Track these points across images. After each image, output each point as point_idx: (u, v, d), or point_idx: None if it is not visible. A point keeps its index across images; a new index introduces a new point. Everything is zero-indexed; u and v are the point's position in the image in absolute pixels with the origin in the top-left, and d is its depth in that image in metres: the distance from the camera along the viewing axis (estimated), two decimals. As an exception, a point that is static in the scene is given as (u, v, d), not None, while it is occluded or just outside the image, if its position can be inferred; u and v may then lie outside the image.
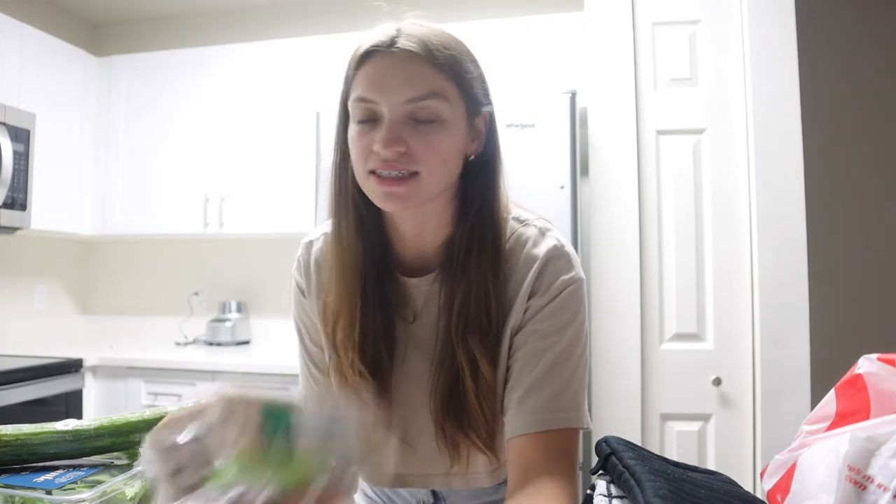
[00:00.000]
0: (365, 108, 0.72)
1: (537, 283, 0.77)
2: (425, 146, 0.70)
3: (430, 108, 0.70)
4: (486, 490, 0.88)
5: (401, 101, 0.70)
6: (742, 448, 2.00)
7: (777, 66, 2.00)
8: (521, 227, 0.81)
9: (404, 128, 0.70)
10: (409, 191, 0.71)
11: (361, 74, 0.72)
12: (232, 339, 2.92)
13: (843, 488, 0.51)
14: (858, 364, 0.61)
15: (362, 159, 0.72)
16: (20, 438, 0.68)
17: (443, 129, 0.71)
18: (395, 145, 0.69)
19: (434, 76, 0.71)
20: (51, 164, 2.70)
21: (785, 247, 1.97)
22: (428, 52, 0.70)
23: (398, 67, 0.70)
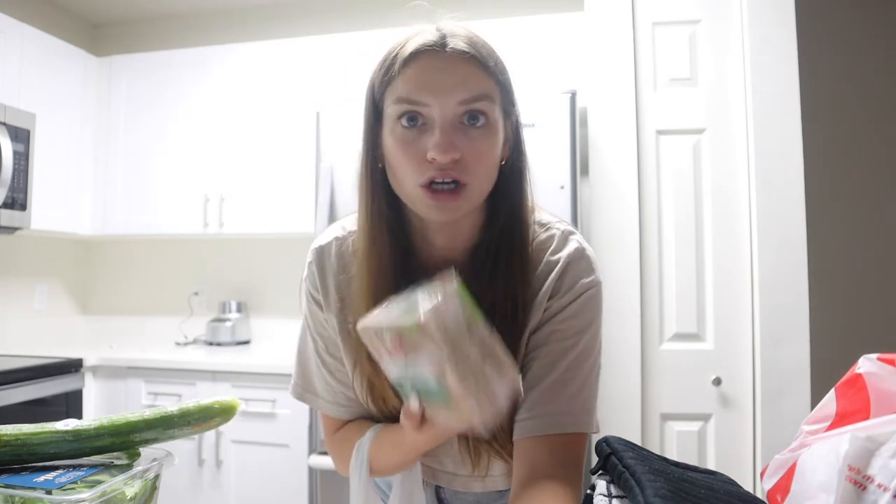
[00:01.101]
0: (411, 110, 0.69)
1: (558, 283, 0.77)
2: (476, 153, 0.69)
3: (482, 110, 0.69)
4: (491, 495, 0.88)
5: (455, 102, 0.68)
6: (742, 448, 2.00)
7: (777, 66, 2.00)
8: (543, 232, 0.81)
9: (456, 133, 0.68)
10: (460, 203, 0.70)
11: (408, 74, 0.69)
12: (232, 339, 2.92)
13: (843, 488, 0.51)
14: (858, 364, 0.61)
15: (414, 171, 0.69)
16: (20, 438, 0.68)
17: (491, 134, 0.71)
18: (450, 151, 0.67)
19: (484, 78, 0.70)
20: (51, 164, 2.70)
21: (785, 247, 1.97)
22: (479, 54, 0.70)
23: (451, 68, 0.68)
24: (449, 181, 0.69)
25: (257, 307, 3.09)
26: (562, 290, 0.77)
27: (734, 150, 2.06)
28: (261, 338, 3.05)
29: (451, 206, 0.70)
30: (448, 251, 0.79)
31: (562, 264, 0.77)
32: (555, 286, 0.77)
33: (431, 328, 0.57)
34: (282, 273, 3.06)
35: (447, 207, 0.70)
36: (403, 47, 0.70)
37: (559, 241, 0.79)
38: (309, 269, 0.87)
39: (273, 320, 3.05)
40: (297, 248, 2.95)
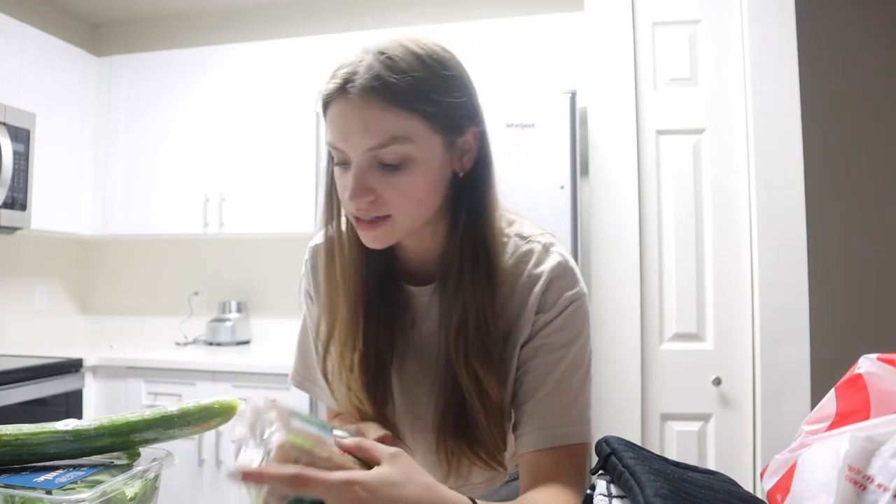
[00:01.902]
0: (336, 153, 0.71)
1: (543, 298, 0.77)
2: (393, 191, 0.69)
3: (393, 153, 0.68)
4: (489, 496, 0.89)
5: (362, 150, 0.68)
6: (742, 448, 2.00)
7: (777, 66, 2.00)
8: (524, 244, 0.80)
9: (371, 174, 0.68)
10: (384, 233, 0.72)
11: (328, 121, 0.71)
12: (232, 339, 2.92)
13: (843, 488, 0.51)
14: (858, 364, 0.61)
15: (344, 204, 0.73)
16: (20, 438, 0.68)
17: (411, 170, 0.69)
18: (362, 196, 0.68)
19: (393, 119, 0.67)
20: (51, 164, 2.70)
21: (785, 247, 1.97)
22: (381, 94, 0.66)
23: (355, 116, 0.67)
24: (369, 217, 0.71)
25: (257, 307, 3.09)
26: (547, 304, 0.77)
27: (734, 150, 2.06)
28: (261, 338, 3.05)
29: (376, 235, 0.72)
30: (420, 255, 0.81)
31: (545, 278, 0.77)
32: (541, 301, 0.77)
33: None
34: (282, 273, 3.06)
35: (374, 237, 0.72)
36: (322, 90, 0.71)
37: (540, 254, 0.79)
38: (305, 266, 0.90)
39: (273, 320, 3.05)
40: (297, 248, 2.94)
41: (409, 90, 0.66)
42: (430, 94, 0.68)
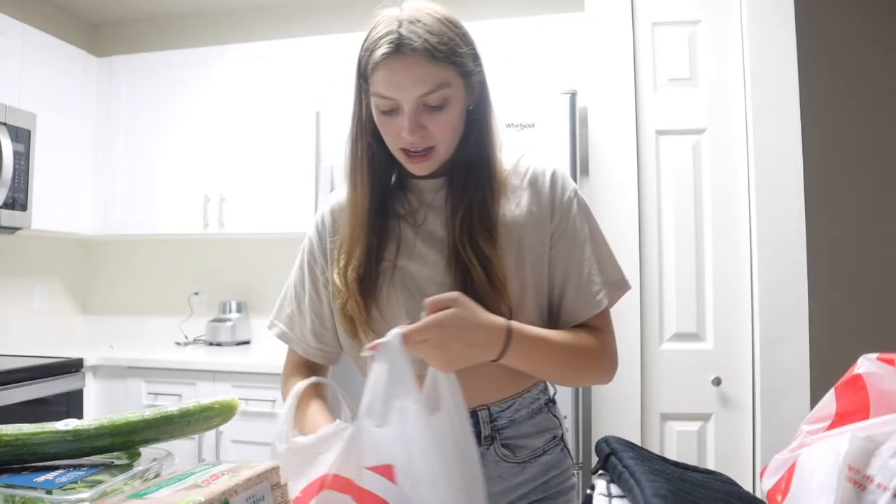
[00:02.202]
0: (386, 103, 0.87)
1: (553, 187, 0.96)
2: (438, 126, 0.88)
3: (438, 97, 0.86)
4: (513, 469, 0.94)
5: (415, 96, 0.85)
6: (742, 448, 2.00)
7: (777, 66, 2.00)
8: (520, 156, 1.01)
9: (420, 115, 0.87)
10: (431, 161, 0.91)
11: (379, 75, 0.86)
12: (232, 339, 2.92)
13: (842, 488, 0.51)
14: (858, 364, 0.61)
15: (392, 141, 0.90)
16: (20, 438, 0.68)
17: (449, 109, 0.88)
18: (417, 131, 0.87)
19: (437, 71, 0.85)
20: (51, 164, 2.70)
21: (785, 247, 1.97)
22: (429, 52, 0.84)
23: (409, 70, 0.84)
24: (420, 150, 0.89)
25: (257, 307, 3.09)
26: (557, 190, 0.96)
27: (734, 150, 2.06)
28: (261, 338, 3.04)
29: (423, 164, 0.90)
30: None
31: (550, 172, 0.97)
32: (552, 188, 0.96)
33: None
34: (282, 273, 3.04)
35: (422, 165, 0.91)
36: (375, 51, 0.86)
37: (535, 160, 1.00)
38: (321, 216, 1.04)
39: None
40: (298, 248, 2.94)
41: (445, 48, 0.86)
42: (457, 49, 0.88)
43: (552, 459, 0.98)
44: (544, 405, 1.01)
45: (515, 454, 0.95)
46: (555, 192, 0.96)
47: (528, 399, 0.98)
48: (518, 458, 0.95)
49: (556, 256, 0.95)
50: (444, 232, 0.94)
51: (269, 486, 0.66)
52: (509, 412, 0.95)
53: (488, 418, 0.94)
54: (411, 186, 0.98)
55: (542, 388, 1.02)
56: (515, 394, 0.96)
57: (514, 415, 0.96)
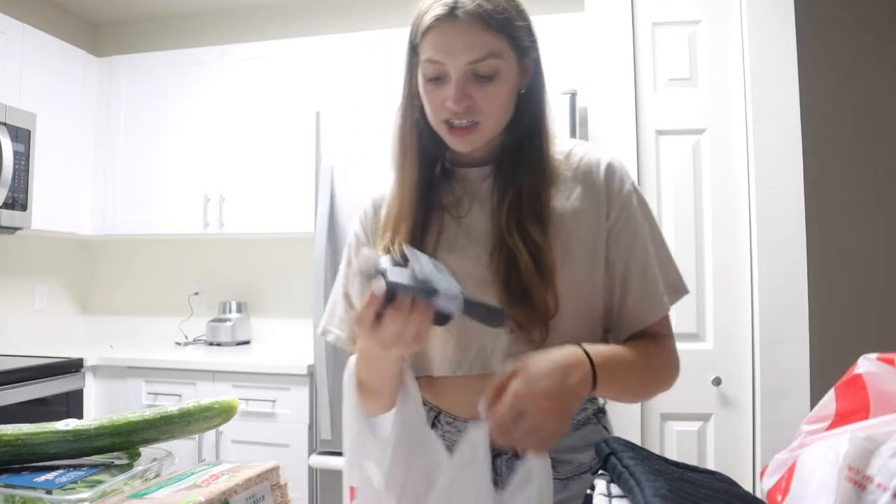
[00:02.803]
0: (434, 68, 0.83)
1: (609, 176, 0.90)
2: (486, 98, 0.83)
3: (488, 66, 0.82)
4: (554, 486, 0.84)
5: (464, 62, 0.81)
6: (742, 448, 2.00)
7: (777, 66, 2.00)
8: (572, 144, 0.95)
9: (468, 84, 0.82)
10: (474, 137, 0.86)
11: (429, 38, 0.83)
12: (232, 339, 2.92)
13: (842, 488, 0.51)
14: (858, 364, 0.61)
15: (435, 111, 0.86)
16: (21, 438, 0.68)
17: (499, 82, 0.83)
18: (463, 101, 0.82)
19: (490, 38, 0.82)
20: (51, 164, 2.70)
21: (784, 247, 1.97)
22: (483, 19, 0.81)
23: (460, 34, 0.81)
24: (464, 122, 0.84)
25: (257, 307, 3.09)
26: (615, 182, 0.90)
27: (734, 150, 2.06)
28: (261, 338, 3.05)
29: (466, 139, 0.85)
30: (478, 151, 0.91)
31: (605, 162, 0.91)
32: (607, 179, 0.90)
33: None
34: (282, 273, 3.06)
35: (464, 140, 0.86)
36: (426, 15, 0.83)
37: (589, 147, 0.94)
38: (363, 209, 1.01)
39: (273, 320, 3.05)
40: (297, 248, 2.96)
41: (500, 17, 0.82)
42: (514, 21, 0.85)
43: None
44: (593, 415, 0.92)
45: (557, 469, 0.85)
46: (612, 185, 0.89)
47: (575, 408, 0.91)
48: (561, 474, 0.86)
49: (614, 254, 0.89)
50: (488, 223, 0.88)
51: (269, 486, 0.66)
52: None
53: None
54: (457, 175, 0.93)
55: (590, 396, 0.92)
56: None
57: None
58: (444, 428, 0.91)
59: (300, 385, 2.38)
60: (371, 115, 2.36)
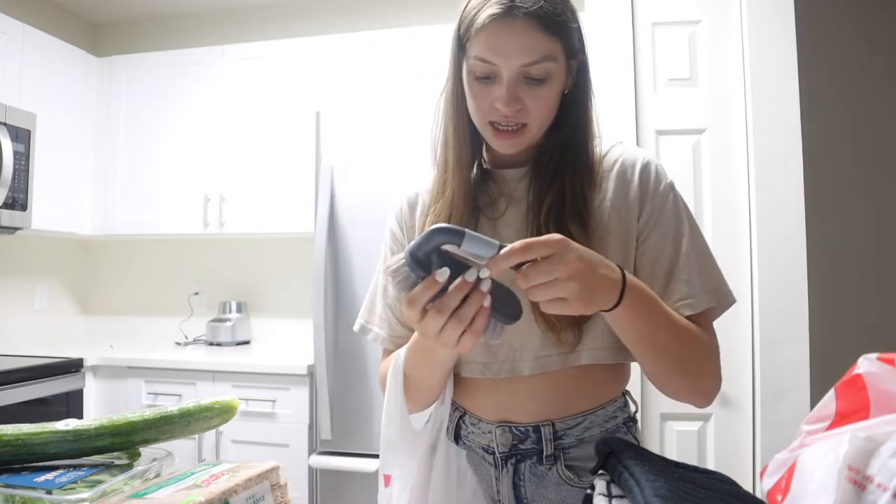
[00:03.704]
0: (484, 67, 0.81)
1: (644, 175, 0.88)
2: (536, 102, 0.81)
3: (542, 69, 0.80)
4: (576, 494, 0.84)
5: (518, 64, 0.79)
6: (742, 448, 2.00)
7: (777, 66, 2.00)
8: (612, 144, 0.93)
9: (519, 86, 0.80)
10: (520, 139, 0.84)
11: (483, 37, 0.79)
12: (232, 339, 2.92)
13: (842, 488, 0.51)
14: (858, 364, 0.61)
15: (482, 112, 0.83)
16: (20, 438, 0.68)
17: (550, 85, 0.81)
18: (513, 104, 0.80)
19: (546, 41, 0.79)
20: (51, 165, 2.70)
21: (784, 247, 1.97)
22: (542, 21, 0.78)
23: (517, 35, 0.78)
24: (511, 125, 0.82)
25: (257, 307, 3.09)
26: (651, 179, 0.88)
27: (734, 150, 2.06)
28: (261, 338, 3.05)
29: (512, 142, 0.84)
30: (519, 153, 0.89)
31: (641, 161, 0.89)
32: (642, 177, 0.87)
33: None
34: (282, 273, 3.06)
35: (509, 143, 0.84)
36: (479, 13, 0.79)
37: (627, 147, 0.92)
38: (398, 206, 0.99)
39: (273, 320, 3.05)
40: (297, 248, 2.96)
41: (558, 19, 0.79)
42: (568, 23, 0.82)
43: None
44: (622, 424, 0.88)
45: (581, 478, 0.83)
46: (645, 185, 0.87)
47: (603, 416, 0.86)
48: (584, 483, 0.83)
49: (643, 256, 0.86)
50: (522, 224, 0.86)
51: (269, 486, 0.66)
52: (578, 430, 0.85)
53: (551, 435, 0.84)
54: (494, 176, 0.91)
55: (621, 404, 0.89)
56: (588, 409, 0.85)
57: (583, 433, 0.85)
58: (468, 429, 0.90)
59: (300, 385, 2.38)
60: (371, 115, 2.36)
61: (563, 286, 0.65)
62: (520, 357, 0.85)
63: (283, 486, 0.68)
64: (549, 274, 0.65)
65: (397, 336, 0.95)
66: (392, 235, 0.99)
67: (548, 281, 0.65)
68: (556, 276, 0.65)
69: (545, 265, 0.65)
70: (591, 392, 0.86)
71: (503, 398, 0.87)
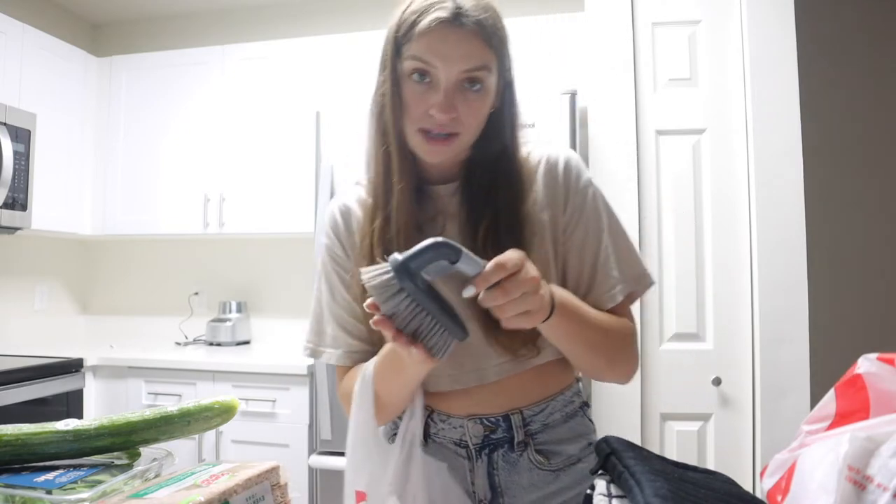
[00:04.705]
0: (423, 69, 0.81)
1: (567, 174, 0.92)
2: (470, 111, 0.83)
3: (479, 77, 0.82)
4: (546, 477, 0.90)
5: (459, 70, 0.80)
6: (742, 448, 2.00)
7: (777, 65, 2.00)
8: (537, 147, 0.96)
9: (456, 94, 0.81)
10: (450, 148, 0.84)
11: (426, 40, 0.80)
12: (232, 339, 2.92)
13: (842, 488, 0.51)
14: (858, 364, 0.61)
15: (415, 119, 0.83)
16: (21, 438, 0.68)
17: (484, 96, 0.84)
18: (449, 111, 0.81)
19: (486, 52, 0.82)
20: (51, 165, 2.70)
21: (785, 247, 1.97)
22: (484, 31, 0.81)
23: (461, 40, 0.80)
24: (443, 134, 0.83)
25: (257, 307, 3.09)
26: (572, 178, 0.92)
27: (734, 150, 2.06)
28: (261, 338, 3.05)
29: (443, 149, 0.84)
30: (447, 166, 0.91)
31: (563, 158, 0.93)
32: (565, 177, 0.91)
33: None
34: (282, 273, 3.06)
35: (439, 151, 0.84)
36: (424, 15, 0.80)
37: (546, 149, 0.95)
38: (332, 221, 0.98)
39: (273, 320, 3.05)
40: (297, 248, 2.95)
41: (497, 33, 0.83)
42: (505, 41, 0.85)
43: (587, 468, 0.91)
44: (579, 408, 0.96)
45: (550, 461, 0.91)
46: (567, 181, 0.91)
47: (562, 401, 0.93)
48: (553, 466, 0.90)
49: (570, 251, 0.90)
50: (459, 238, 0.84)
51: (269, 486, 0.66)
52: (542, 416, 0.91)
53: (521, 423, 0.90)
54: (427, 192, 0.92)
55: (575, 390, 0.96)
56: (548, 396, 0.92)
57: (547, 418, 0.91)
58: (437, 426, 0.93)
59: (300, 385, 2.38)
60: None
61: (532, 299, 0.71)
62: (486, 366, 0.89)
63: (283, 486, 0.68)
64: (520, 288, 0.69)
65: (354, 352, 0.94)
66: (330, 251, 0.97)
67: (518, 297, 0.69)
68: (525, 291, 0.70)
69: (516, 281, 0.69)
70: (549, 382, 0.92)
71: (472, 398, 0.91)
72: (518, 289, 0.69)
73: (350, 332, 0.94)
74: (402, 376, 0.83)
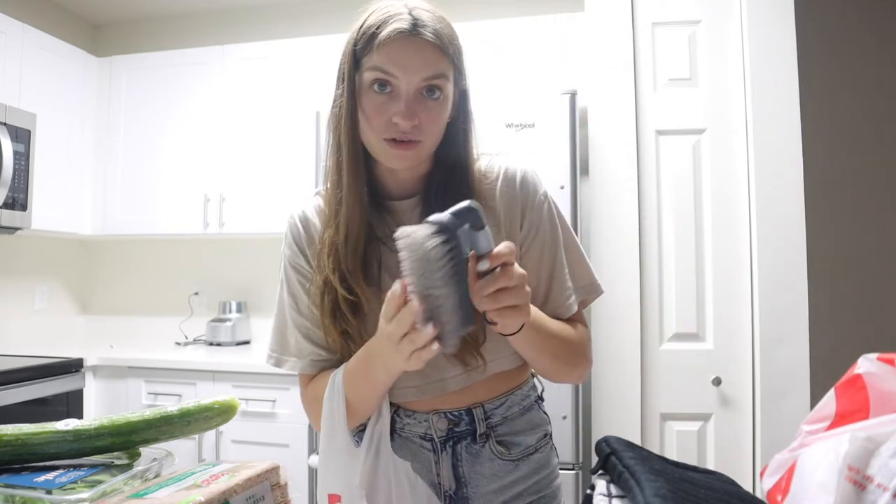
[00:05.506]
0: (383, 79, 0.84)
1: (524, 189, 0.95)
2: (430, 118, 0.86)
3: (439, 84, 0.85)
4: (507, 467, 0.95)
5: (419, 78, 0.84)
6: (742, 448, 2.00)
7: (777, 66, 2.00)
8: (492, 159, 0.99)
9: (416, 103, 0.85)
10: (414, 154, 0.87)
11: (385, 51, 0.83)
12: (232, 339, 2.92)
13: (842, 488, 0.51)
14: (858, 364, 0.61)
15: (378, 129, 0.86)
16: (20, 438, 0.68)
17: (442, 104, 0.87)
18: (411, 119, 0.84)
19: (443, 61, 0.85)
20: (51, 165, 2.70)
21: (785, 247, 1.97)
22: (441, 41, 0.85)
23: (420, 49, 0.83)
24: (408, 139, 0.85)
25: (257, 307, 3.09)
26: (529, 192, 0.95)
27: (734, 150, 2.06)
28: (261, 338, 3.04)
29: (407, 154, 0.86)
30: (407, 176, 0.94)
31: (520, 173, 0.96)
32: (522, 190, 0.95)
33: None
34: (282, 273, 3.05)
35: (405, 156, 0.87)
36: (383, 27, 0.84)
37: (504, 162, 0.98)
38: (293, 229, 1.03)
39: (273, 320, 3.04)
40: (297, 248, 2.95)
41: (453, 42, 0.87)
42: (460, 52, 0.89)
43: (543, 458, 0.99)
44: (535, 402, 1.02)
45: (510, 451, 0.96)
46: (524, 196, 0.95)
47: (520, 396, 0.99)
48: (512, 456, 0.96)
49: (527, 265, 0.92)
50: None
51: (269, 486, 0.66)
52: (502, 409, 0.96)
53: (483, 416, 0.95)
54: (387, 207, 0.94)
55: (531, 385, 1.03)
56: (507, 391, 0.97)
57: (506, 412, 0.97)
58: (403, 421, 0.97)
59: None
60: (371, 115, 2.35)
61: (523, 293, 0.74)
62: (447, 377, 0.94)
63: (283, 486, 0.68)
64: (513, 279, 0.72)
65: (317, 360, 0.99)
66: (291, 260, 1.03)
67: (514, 286, 0.72)
68: (517, 283, 0.73)
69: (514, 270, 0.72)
70: (506, 381, 0.97)
71: (436, 400, 0.95)
72: (513, 279, 0.72)
73: (314, 342, 0.98)
74: (371, 384, 0.86)
